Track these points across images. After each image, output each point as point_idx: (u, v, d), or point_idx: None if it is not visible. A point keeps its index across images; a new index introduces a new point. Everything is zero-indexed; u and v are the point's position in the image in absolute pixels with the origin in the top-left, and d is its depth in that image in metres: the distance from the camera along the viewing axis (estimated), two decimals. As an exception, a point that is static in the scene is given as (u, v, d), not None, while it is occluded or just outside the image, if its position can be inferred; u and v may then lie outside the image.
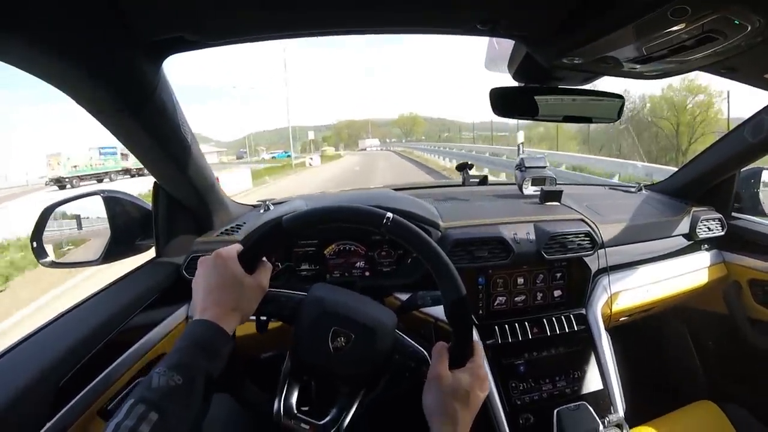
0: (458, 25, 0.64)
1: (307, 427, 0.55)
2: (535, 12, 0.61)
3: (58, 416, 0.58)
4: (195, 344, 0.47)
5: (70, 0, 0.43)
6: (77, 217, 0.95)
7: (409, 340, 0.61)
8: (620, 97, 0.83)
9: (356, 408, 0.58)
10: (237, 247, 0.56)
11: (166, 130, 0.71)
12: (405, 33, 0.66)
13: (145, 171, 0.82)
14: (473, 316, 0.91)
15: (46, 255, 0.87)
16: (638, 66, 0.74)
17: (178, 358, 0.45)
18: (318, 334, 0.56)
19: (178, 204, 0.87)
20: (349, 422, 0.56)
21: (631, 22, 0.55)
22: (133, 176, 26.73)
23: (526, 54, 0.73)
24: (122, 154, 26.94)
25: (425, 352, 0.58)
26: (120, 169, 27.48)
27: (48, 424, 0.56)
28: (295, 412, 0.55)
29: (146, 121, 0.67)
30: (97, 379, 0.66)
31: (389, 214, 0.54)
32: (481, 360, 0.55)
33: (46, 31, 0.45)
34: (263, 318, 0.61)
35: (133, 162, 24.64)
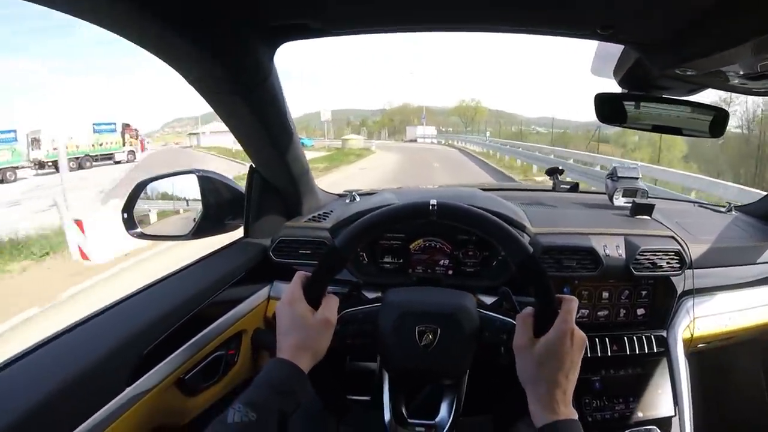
0: (579, 28, 0.66)
1: (423, 429, 0.54)
2: (658, 20, 0.61)
3: (138, 382, 0.60)
4: (270, 383, 0.50)
5: None
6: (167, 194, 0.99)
7: (494, 314, 0.60)
8: (725, 112, 0.82)
9: (465, 395, 0.57)
10: (298, 290, 0.57)
11: (273, 116, 0.75)
12: (525, 33, 0.68)
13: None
14: None
15: (135, 226, 0.92)
16: (749, 81, 0.74)
17: (254, 396, 0.49)
18: (404, 338, 0.56)
19: (270, 188, 0.91)
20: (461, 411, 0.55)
21: (750, 38, 0.56)
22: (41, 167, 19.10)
23: (636, 61, 0.74)
24: (33, 140, 19.21)
25: (513, 321, 0.58)
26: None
27: (128, 389, 0.58)
28: (407, 418, 0.55)
29: (256, 106, 0.70)
30: (178, 351, 0.68)
31: (433, 201, 0.54)
32: (568, 315, 0.52)
33: (170, 8, 0.46)
34: (348, 341, 0.61)
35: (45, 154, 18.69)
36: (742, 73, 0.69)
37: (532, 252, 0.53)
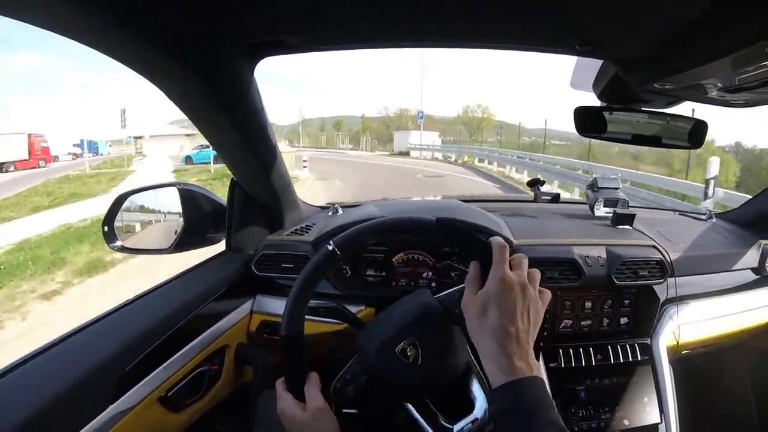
0: (558, 44, 0.66)
1: (470, 425, 0.53)
2: (637, 36, 0.62)
3: (120, 400, 0.59)
4: None
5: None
6: (148, 207, 0.98)
7: (449, 290, 0.59)
8: (703, 122, 0.82)
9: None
10: (281, 394, 0.57)
11: (253, 130, 0.74)
12: (505, 49, 0.68)
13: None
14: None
15: (116, 239, 0.90)
16: (727, 94, 0.74)
17: None
18: (394, 367, 0.55)
19: (252, 201, 0.90)
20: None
21: (730, 53, 0.56)
22: None
23: (614, 75, 0.74)
24: None
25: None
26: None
27: (110, 407, 0.57)
28: (449, 426, 0.54)
29: (236, 120, 0.69)
30: (161, 368, 0.67)
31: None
32: (500, 260, 0.49)
33: (149, 26, 0.46)
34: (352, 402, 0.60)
35: None
36: (720, 86, 0.70)
37: (434, 219, 0.53)
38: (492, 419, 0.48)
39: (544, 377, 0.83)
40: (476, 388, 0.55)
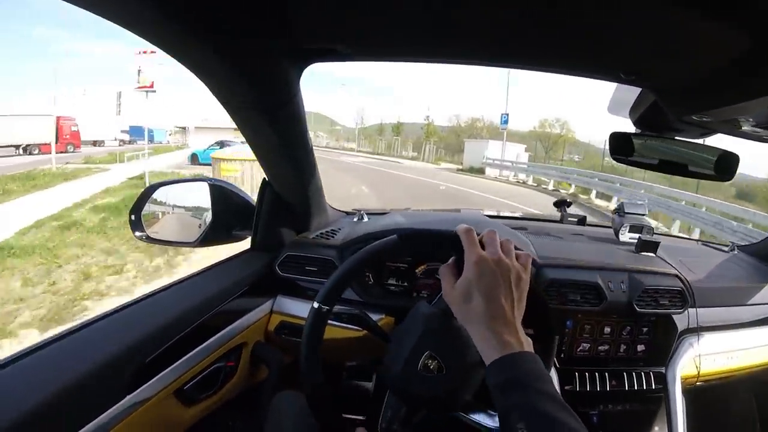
0: (603, 72, 0.66)
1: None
2: (681, 69, 0.62)
3: (138, 390, 0.59)
4: None
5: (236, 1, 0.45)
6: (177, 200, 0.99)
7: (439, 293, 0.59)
8: (735, 155, 0.82)
9: None
10: None
11: (294, 134, 0.75)
12: (549, 72, 0.69)
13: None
14: (555, 360, 0.89)
15: (142, 229, 0.91)
16: (761, 130, 0.75)
17: None
18: (423, 387, 0.55)
19: (281, 202, 0.91)
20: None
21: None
22: None
23: (653, 103, 0.75)
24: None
25: None
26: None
27: (128, 396, 0.57)
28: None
29: (279, 124, 0.71)
30: (180, 361, 0.68)
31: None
32: (469, 245, 0.49)
33: (202, 24, 0.46)
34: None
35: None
36: (757, 122, 0.70)
37: (396, 237, 0.55)
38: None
39: (554, 374, 0.83)
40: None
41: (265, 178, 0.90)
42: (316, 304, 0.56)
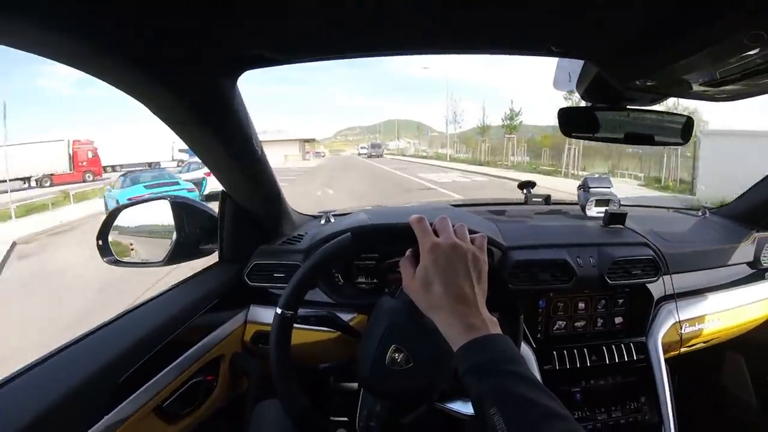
0: (533, 47, 0.66)
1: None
2: (611, 35, 0.61)
3: (115, 410, 0.59)
4: None
5: (155, 16, 0.45)
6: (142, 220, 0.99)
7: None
8: (689, 117, 0.82)
9: None
10: None
11: (238, 142, 0.74)
12: (480, 53, 0.68)
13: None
14: (531, 340, 0.89)
15: (111, 254, 0.91)
16: (710, 89, 0.73)
17: None
18: (393, 382, 0.55)
19: (243, 212, 0.90)
20: None
21: (706, 47, 0.55)
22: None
23: (596, 74, 0.74)
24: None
25: None
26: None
27: (105, 417, 0.57)
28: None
29: (221, 134, 0.70)
30: (156, 378, 0.67)
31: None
32: (421, 234, 0.49)
33: (130, 47, 0.46)
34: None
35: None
36: (702, 81, 0.69)
37: (349, 235, 0.55)
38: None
39: (530, 355, 0.83)
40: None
41: (223, 190, 0.89)
42: (279, 310, 0.55)
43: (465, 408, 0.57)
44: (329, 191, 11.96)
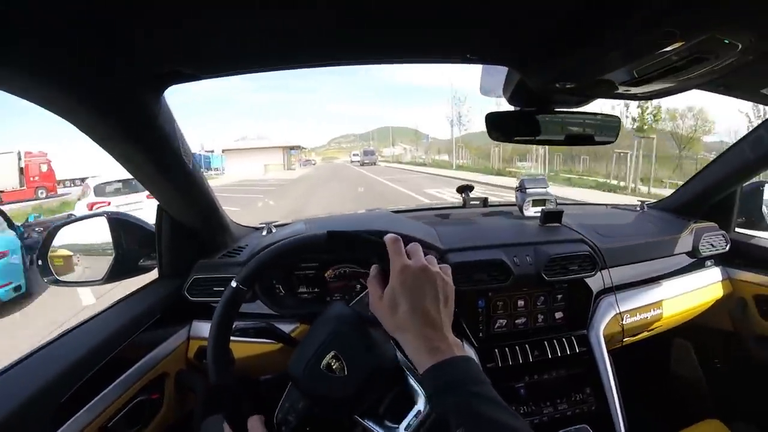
0: (450, 55, 0.66)
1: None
2: (524, 39, 0.62)
3: (59, 431, 0.58)
4: None
5: (72, 36, 0.45)
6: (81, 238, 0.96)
7: (361, 296, 0.61)
8: (616, 117, 0.83)
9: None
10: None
11: (167, 157, 0.73)
12: (399, 63, 0.68)
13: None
14: (473, 339, 0.90)
15: (51, 273, 0.89)
16: (632, 88, 0.74)
17: None
18: (324, 383, 0.54)
19: (180, 226, 0.88)
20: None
21: (619, 46, 0.56)
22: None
23: (520, 79, 0.74)
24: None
25: None
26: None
27: None
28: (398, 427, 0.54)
29: (148, 149, 0.69)
30: (98, 397, 0.66)
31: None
32: (395, 254, 0.50)
33: (48, 65, 0.46)
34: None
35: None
36: (622, 80, 0.70)
37: (325, 233, 0.55)
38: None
39: (473, 354, 0.84)
40: (413, 382, 0.55)
41: (159, 205, 0.87)
42: (234, 284, 0.55)
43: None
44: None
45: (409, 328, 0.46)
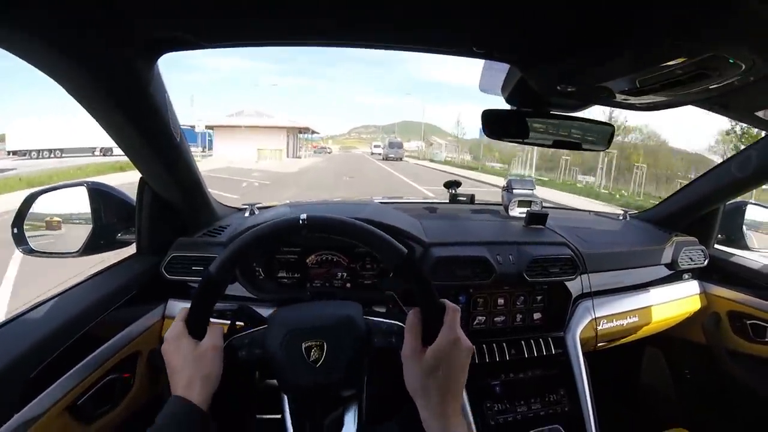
0: (454, 46, 0.64)
1: None
2: (532, 38, 0.61)
3: (25, 408, 0.56)
4: (167, 425, 0.51)
5: None
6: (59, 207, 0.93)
7: (381, 319, 0.60)
8: (610, 125, 0.83)
9: (367, 402, 0.58)
10: (180, 325, 0.56)
11: (156, 127, 0.70)
12: (402, 50, 0.66)
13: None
14: None
15: (26, 242, 0.86)
16: (630, 98, 0.74)
17: None
18: (292, 357, 0.55)
19: (163, 201, 0.86)
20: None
21: (625, 56, 0.55)
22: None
23: (520, 78, 0.73)
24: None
25: (401, 324, 0.58)
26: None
27: (16, 416, 0.54)
28: None
29: (136, 118, 0.66)
30: (69, 374, 0.64)
31: (303, 215, 0.55)
32: (453, 323, 0.52)
33: (44, 25, 0.45)
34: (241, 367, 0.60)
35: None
36: (623, 89, 0.70)
37: (407, 252, 0.53)
38: None
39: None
40: (349, 419, 0.57)
41: (141, 177, 0.84)
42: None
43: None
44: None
45: (437, 395, 0.49)
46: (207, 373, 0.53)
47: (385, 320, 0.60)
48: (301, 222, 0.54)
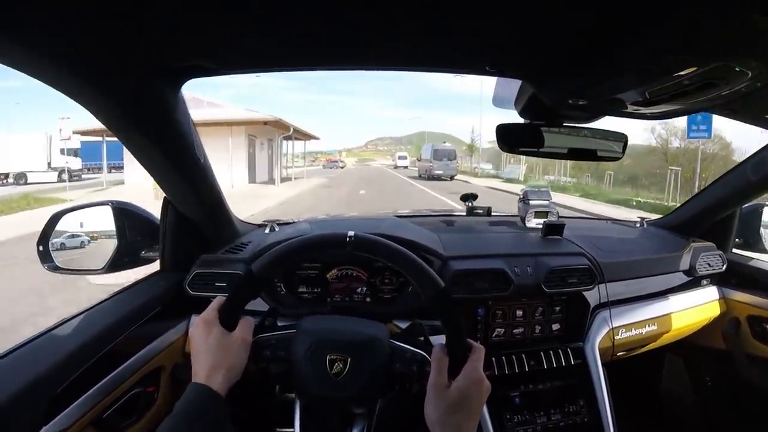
0: (469, 66, 0.67)
1: None
2: (542, 55, 0.63)
3: (52, 422, 0.58)
4: (185, 411, 0.53)
5: (94, 28, 0.46)
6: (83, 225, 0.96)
7: (406, 345, 0.62)
8: (623, 135, 0.85)
9: (376, 423, 0.59)
10: (213, 312, 0.58)
11: (180, 150, 0.73)
12: (417, 71, 0.69)
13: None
14: None
15: (51, 260, 0.89)
16: (641, 108, 0.76)
17: (173, 424, 0.51)
18: (315, 365, 0.57)
19: (185, 220, 0.89)
20: None
21: (634, 69, 0.57)
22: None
23: (533, 93, 0.75)
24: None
25: (424, 354, 0.59)
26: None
27: (43, 429, 0.56)
28: None
29: (162, 142, 0.69)
30: (94, 389, 0.66)
31: (351, 232, 0.56)
32: (477, 363, 0.54)
33: (72, 55, 0.47)
34: (263, 365, 0.62)
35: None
36: (633, 100, 0.71)
37: (444, 287, 0.54)
38: None
39: None
40: (358, 428, 0.59)
41: (165, 197, 0.88)
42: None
43: None
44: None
45: (455, 429, 0.51)
46: (232, 364, 0.55)
47: (410, 348, 0.61)
48: (348, 239, 0.55)
